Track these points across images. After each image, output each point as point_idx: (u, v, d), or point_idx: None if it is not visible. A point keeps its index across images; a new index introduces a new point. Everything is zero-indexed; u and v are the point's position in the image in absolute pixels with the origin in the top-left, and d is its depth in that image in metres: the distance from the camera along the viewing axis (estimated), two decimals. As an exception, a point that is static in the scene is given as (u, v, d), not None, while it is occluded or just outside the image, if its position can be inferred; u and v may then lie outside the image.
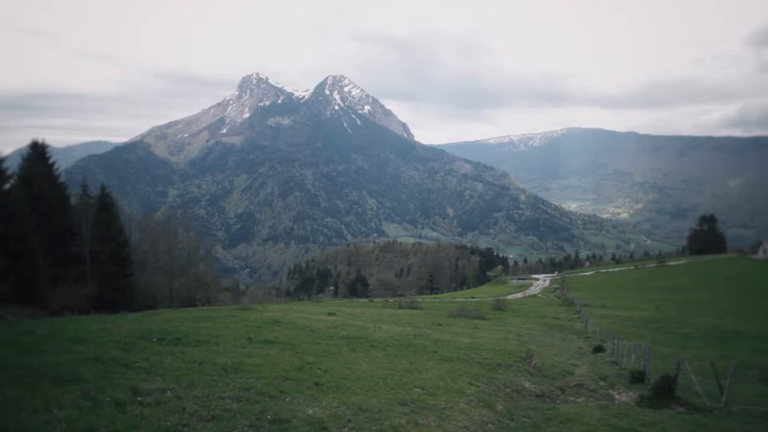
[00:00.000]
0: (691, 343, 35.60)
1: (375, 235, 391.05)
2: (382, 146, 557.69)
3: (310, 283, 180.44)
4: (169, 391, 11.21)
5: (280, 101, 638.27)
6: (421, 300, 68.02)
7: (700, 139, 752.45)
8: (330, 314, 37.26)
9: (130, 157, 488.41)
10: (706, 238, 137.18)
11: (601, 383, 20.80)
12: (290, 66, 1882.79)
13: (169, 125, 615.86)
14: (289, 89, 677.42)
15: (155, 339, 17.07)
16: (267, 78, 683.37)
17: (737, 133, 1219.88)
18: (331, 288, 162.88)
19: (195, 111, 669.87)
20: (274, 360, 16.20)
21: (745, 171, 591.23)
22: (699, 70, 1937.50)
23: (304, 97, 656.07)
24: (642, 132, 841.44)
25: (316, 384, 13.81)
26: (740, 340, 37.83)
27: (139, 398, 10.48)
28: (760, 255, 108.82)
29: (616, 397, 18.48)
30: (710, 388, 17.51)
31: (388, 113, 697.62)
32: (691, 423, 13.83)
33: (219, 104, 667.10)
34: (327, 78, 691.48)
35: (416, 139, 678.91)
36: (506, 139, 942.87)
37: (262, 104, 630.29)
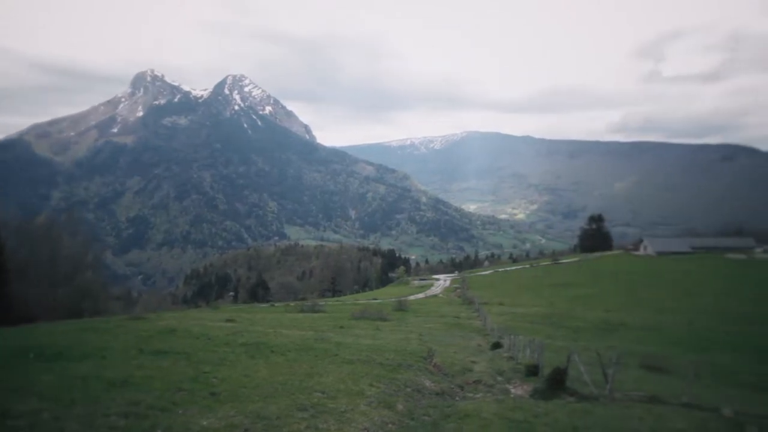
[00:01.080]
0: (581, 336, 37.83)
1: (276, 238, 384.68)
2: (284, 148, 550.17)
3: (208, 288, 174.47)
4: (45, 412, 10.35)
5: (176, 100, 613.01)
6: (323, 303, 67.63)
7: (588, 143, 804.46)
8: (229, 321, 36.11)
9: (5, 157, 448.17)
10: (595, 237, 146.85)
11: (499, 378, 21.48)
12: (188, 64, 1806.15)
13: (52, 123, 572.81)
14: (186, 88, 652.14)
15: (32, 355, 15.73)
16: (163, 75, 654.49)
17: (621, 138, 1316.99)
18: (231, 293, 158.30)
19: (83, 108, 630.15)
20: (167, 371, 15.40)
21: (629, 174, 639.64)
22: (589, 79, 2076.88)
23: (202, 96, 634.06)
24: (537, 136, 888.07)
25: (212, 394, 13.25)
26: (625, 331, 40.71)
27: (9, 422, 9.60)
28: (641, 251, 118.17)
29: (512, 390, 19.13)
30: (597, 377, 18.57)
31: (289, 114, 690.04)
32: (579, 411, 14.57)
33: (110, 102, 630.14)
34: (227, 77, 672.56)
35: (318, 140, 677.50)
36: (408, 142, 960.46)
37: (157, 103, 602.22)
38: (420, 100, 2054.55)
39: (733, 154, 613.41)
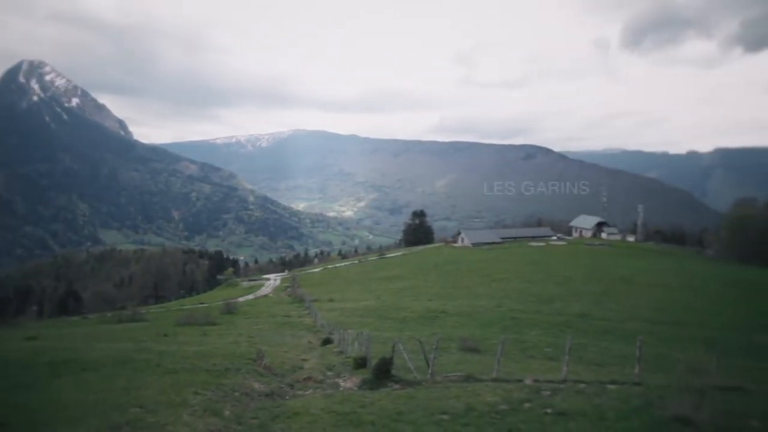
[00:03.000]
0: (407, 326, 39.63)
1: (89, 243, 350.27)
2: (96, 144, 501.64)
3: (4, 304, 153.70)
4: None
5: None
6: (145, 311, 63.75)
7: (411, 142, 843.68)
8: (30, 339, 32.26)
9: None
10: (418, 231, 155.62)
11: (329, 373, 21.80)
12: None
13: None
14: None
15: None
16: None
17: (440, 138, 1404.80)
18: (34, 308, 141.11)
19: None
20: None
21: (447, 172, 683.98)
22: (411, 81, 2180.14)
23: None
24: (363, 135, 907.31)
25: (1, 425, 11.67)
26: (445, 318, 43.46)
27: None
28: (459, 243, 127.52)
29: (342, 384, 19.50)
30: (421, 363, 19.64)
31: (101, 108, 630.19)
32: (404, 396, 15.30)
33: None
34: (21, 63, 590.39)
35: (136, 137, 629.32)
36: (234, 140, 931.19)
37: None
38: (247, 96, 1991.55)
39: (533, 153, 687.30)
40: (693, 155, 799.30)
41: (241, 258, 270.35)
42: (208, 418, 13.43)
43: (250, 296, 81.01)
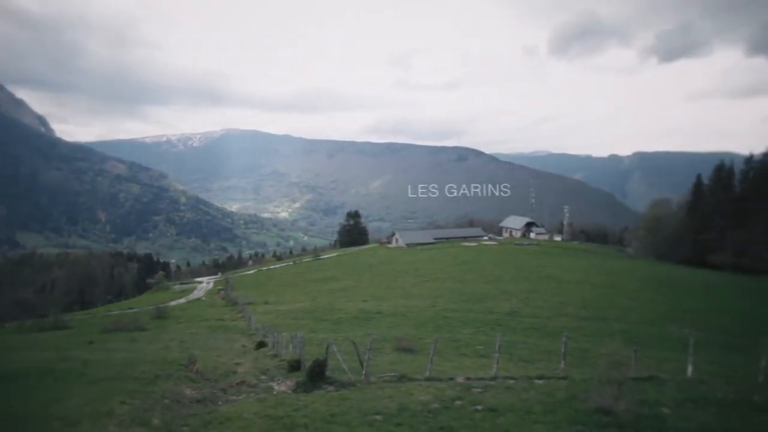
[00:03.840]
0: (342, 327, 39.64)
1: (6, 247, 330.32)
2: (13, 142, 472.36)
3: None
4: None
5: None
6: (69, 318, 60.95)
7: (345, 143, 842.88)
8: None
9: None
10: (353, 232, 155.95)
11: (263, 377, 21.59)
12: None
13: None
14: None
15: None
16: None
17: (374, 138, 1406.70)
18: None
19: None
20: None
21: (382, 173, 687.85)
22: (347, 81, 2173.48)
23: None
24: (296, 135, 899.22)
25: None
26: (381, 319, 43.71)
27: None
28: (394, 244, 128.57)
29: (276, 388, 19.36)
30: (355, 365, 19.77)
31: (19, 103, 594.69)
32: (337, 398, 15.40)
33: None
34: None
35: (59, 134, 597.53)
36: (164, 138, 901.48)
37: None
38: (177, 93, 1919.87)
39: (465, 155, 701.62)
40: (614, 158, 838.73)
41: (173, 261, 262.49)
42: (135, 427, 13.09)
43: (182, 300, 78.95)
